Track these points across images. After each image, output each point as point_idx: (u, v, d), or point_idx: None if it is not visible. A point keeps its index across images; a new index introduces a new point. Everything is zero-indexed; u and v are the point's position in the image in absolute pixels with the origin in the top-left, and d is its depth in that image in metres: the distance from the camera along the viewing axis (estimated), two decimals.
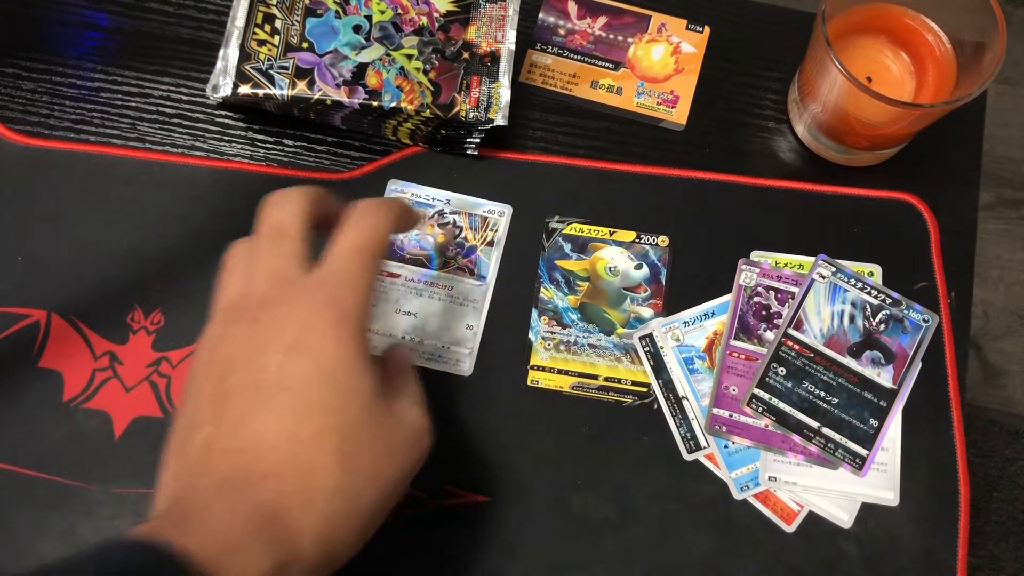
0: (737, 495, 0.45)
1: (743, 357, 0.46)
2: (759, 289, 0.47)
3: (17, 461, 0.45)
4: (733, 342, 0.47)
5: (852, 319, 0.46)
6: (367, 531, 0.34)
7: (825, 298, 0.46)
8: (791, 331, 0.45)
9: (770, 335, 0.46)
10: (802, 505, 0.45)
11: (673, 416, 0.46)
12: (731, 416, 0.46)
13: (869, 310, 0.46)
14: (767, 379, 0.45)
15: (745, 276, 0.47)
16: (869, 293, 0.46)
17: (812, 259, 0.49)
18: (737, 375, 0.46)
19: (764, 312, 0.47)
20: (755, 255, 0.50)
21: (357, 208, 0.38)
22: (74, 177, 0.50)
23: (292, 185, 0.50)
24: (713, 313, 0.48)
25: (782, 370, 0.45)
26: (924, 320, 0.46)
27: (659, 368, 0.47)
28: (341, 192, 0.50)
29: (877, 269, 0.49)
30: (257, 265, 0.37)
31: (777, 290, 0.47)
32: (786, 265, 0.49)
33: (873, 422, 0.44)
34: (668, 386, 0.47)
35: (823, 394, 0.44)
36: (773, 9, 0.55)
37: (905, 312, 0.46)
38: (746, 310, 0.47)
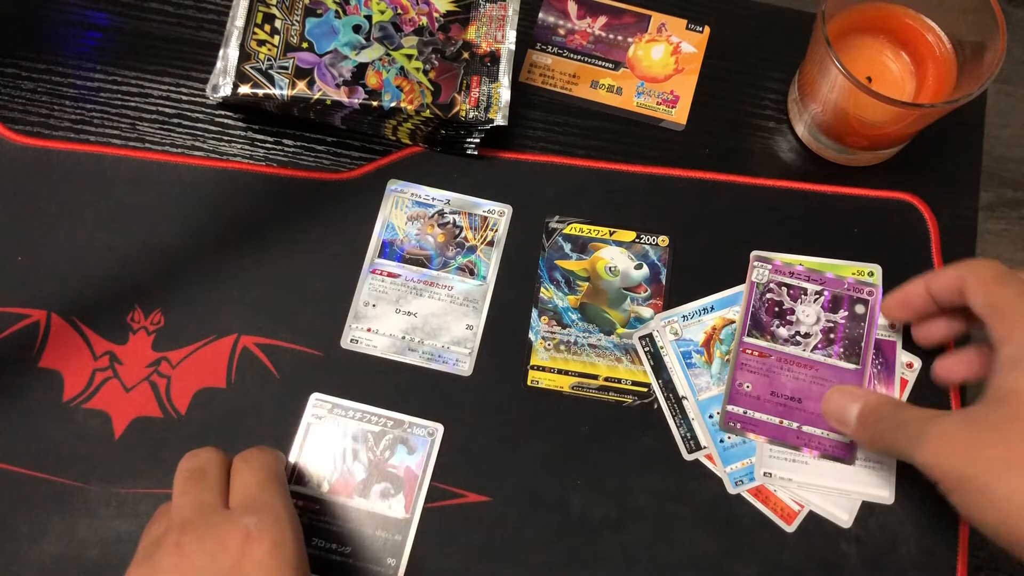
0: (731, 489, 0.45)
1: (756, 354, 0.46)
2: (771, 286, 0.47)
3: (17, 461, 0.45)
4: (746, 339, 0.47)
5: (356, 455, 0.45)
6: None
7: (323, 439, 0.45)
8: (294, 487, 0.44)
9: (784, 331, 0.46)
10: (802, 505, 0.45)
11: (673, 416, 0.46)
12: (745, 413, 0.46)
13: (371, 440, 0.45)
14: None
15: (757, 272, 0.47)
16: (369, 420, 0.45)
17: (809, 257, 0.49)
18: (751, 372, 0.46)
19: (777, 308, 0.47)
20: (755, 254, 0.50)
21: (243, 454, 0.40)
22: (74, 177, 0.50)
23: (292, 185, 0.50)
24: (712, 308, 0.48)
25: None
26: (429, 434, 0.45)
27: (659, 368, 0.47)
28: (341, 192, 0.50)
29: (877, 269, 0.49)
30: (177, 501, 0.38)
31: (790, 286, 0.47)
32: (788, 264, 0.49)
33: (391, 561, 0.43)
34: (668, 386, 0.47)
35: (335, 546, 0.43)
36: (773, 9, 0.55)
37: (408, 431, 0.45)
38: (759, 307, 0.47)
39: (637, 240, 0.50)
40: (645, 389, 0.47)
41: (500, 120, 0.48)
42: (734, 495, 0.45)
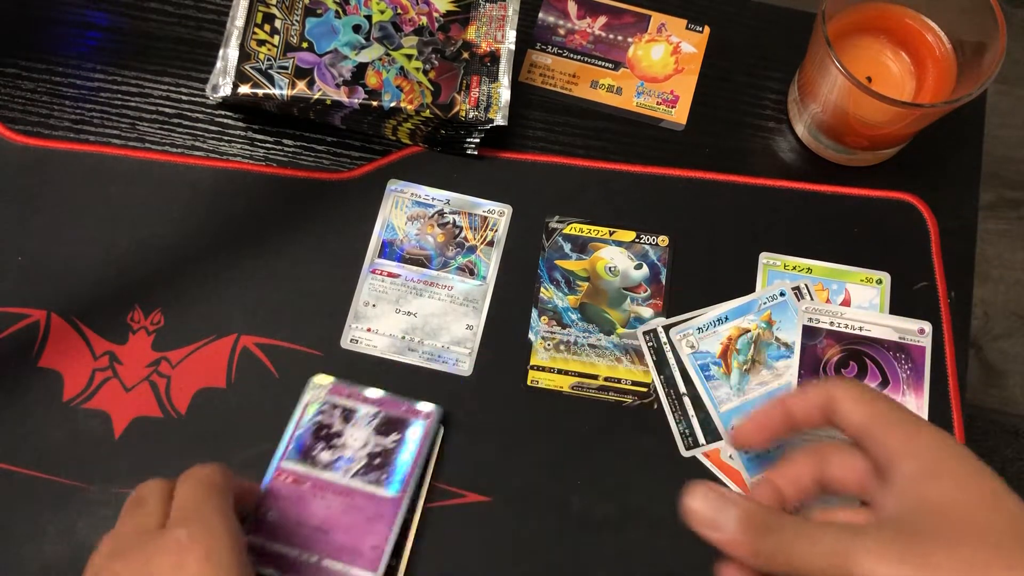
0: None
1: (291, 480, 0.44)
2: (325, 407, 0.45)
3: (17, 461, 0.45)
4: (284, 463, 0.45)
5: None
6: None
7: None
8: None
9: (326, 456, 0.44)
10: None
11: (673, 412, 0.46)
12: (264, 544, 0.43)
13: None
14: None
15: (311, 394, 0.45)
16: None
17: (817, 262, 0.49)
18: (280, 498, 0.44)
19: (326, 431, 0.45)
20: (764, 256, 0.50)
21: (185, 473, 0.40)
22: (74, 177, 0.50)
23: (292, 185, 0.50)
24: (727, 318, 0.48)
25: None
26: (426, 416, 0.45)
27: (661, 364, 0.47)
28: (341, 192, 0.50)
29: (885, 277, 0.49)
30: (115, 531, 0.38)
31: (344, 408, 0.45)
32: (794, 268, 0.49)
33: (391, 561, 0.43)
34: (669, 382, 0.47)
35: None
36: (773, 9, 0.55)
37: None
38: (306, 429, 0.45)
39: (637, 240, 0.50)
40: (645, 389, 0.47)
41: (500, 120, 0.48)
42: None
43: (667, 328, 0.48)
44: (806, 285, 0.48)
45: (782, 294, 0.48)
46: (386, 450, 0.45)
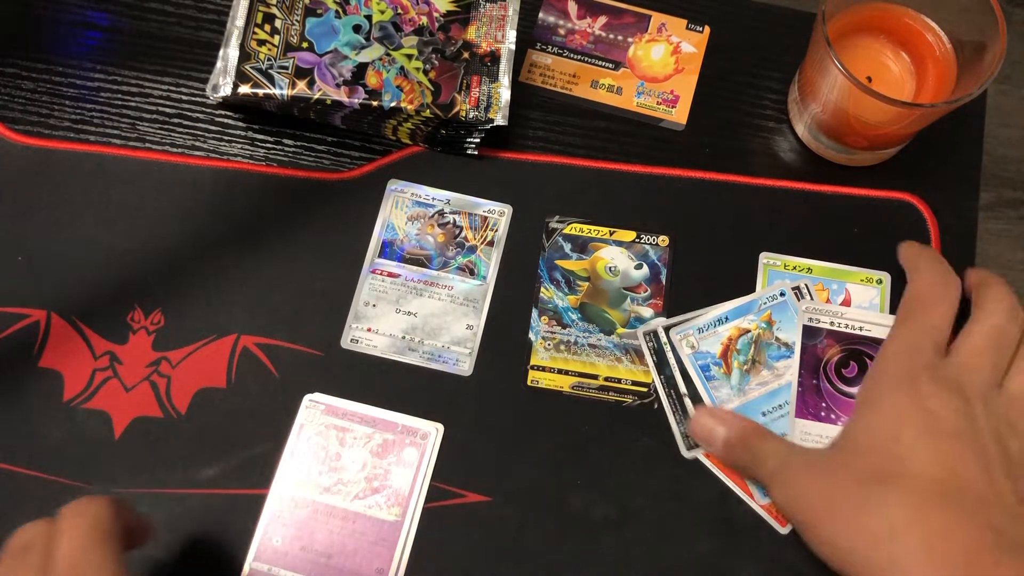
0: (761, 500, 0.45)
1: (292, 504, 0.44)
2: (320, 428, 0.45)
3: (17, 461, 0.45)
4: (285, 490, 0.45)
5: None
6: None
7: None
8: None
9: (325, 479, 0.44)
10: None
11: (674, 412, 0.46)
12: (270, 570, 0.43)
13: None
14: None
15: (305, 414, 0.45)
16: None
17: (817, 262, 0.49)
18: (283, 524, 0.44)
19: (323, 453, 0.45)
20: (764, 256, 0.49)
21: (70, 509, 0.37)
22: (74, 177, 0.50)
23: (292, 185, 0.50)
24: (727, 318, 0.48)
25: None
26: (423, 437, 0.45)
27: (662, 364, 0.47)
28: (341, 192, 0.50)
29: (886, 277, 0.49)
30: None
31: (339, 428, 0.45)
32: (795, 268, 0.49)
33: (391, 562, 0.43)
34: (670, 382, 0.47)
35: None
36: (773, 9, 0.55)
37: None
38: (304, 451, 0.45)
39: (637, 240, 0.50)
40: (645, 389, 0.47)
41: (500, 120, 0.48)
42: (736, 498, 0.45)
43: (667, 328, 0.48)
44: (806, 285, 0.48)
45: (782, 294, 0.48)
46: (384, 472, 0.45)
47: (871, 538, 0.37)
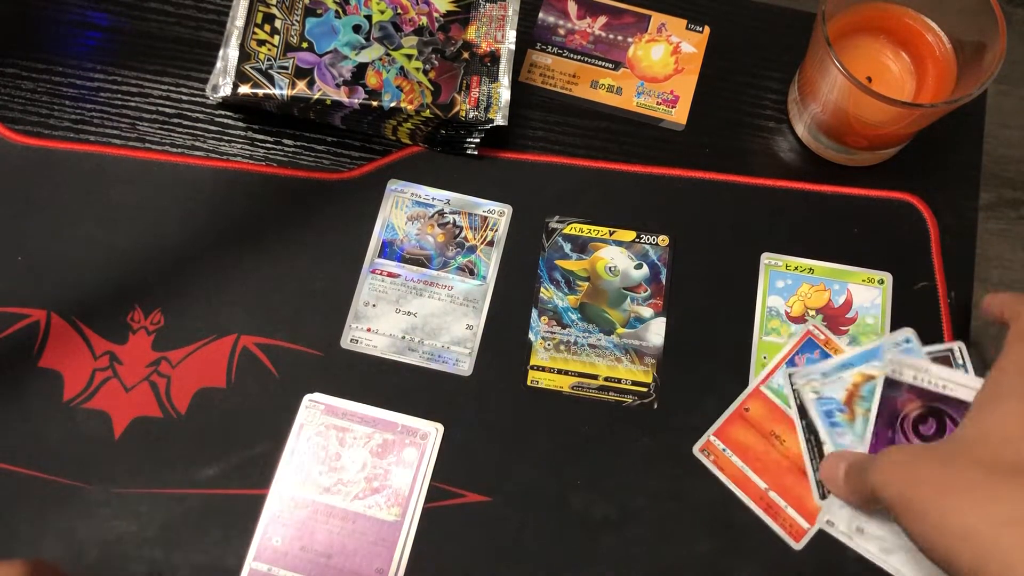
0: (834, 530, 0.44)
1: (292, 504, 0.45)
2: (320, 428, 0.45)
3: (17, 461, 0.45)
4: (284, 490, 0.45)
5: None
6: None
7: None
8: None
9: (326, 480, 0.44)
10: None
11: (811, 460, 0.46)
12: (270, 570, 0.43)
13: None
14: None
15: (306, 414, 0.45)
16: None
17: (819, 263, 0.49)
18: (283, 524, 0.44)
19: (323, 453, 0.45)
20: (766, 257, 0.49)
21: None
22: (74, 177, 0.50)
23: (292, 185, 0.50)
24: (852, 364, 0.47)
25: None
26: (423, 437, 0.45)
27: (803, 414, 0.46)
28: (341, 192, 0.50)
29: (888, 277, 0.49)
30: None
31: (339, 428, 0.45)
32: (796, 268, 0.49)
33: (391, 563, 0.43)
34: (811, 428, 0.46)
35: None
36: (773, 9, 0.55)
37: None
38: (304, 451, 0.45)
39: (637, 240, 0.50)
40: (645, 389, 0.47)
41: (500, 120, 0.48)
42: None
43: (791, 374, 0.47)
44: (959, 348, 0.46)
45: (907, 341, 0.47)
46: (383, 472, 0.45)
47: (995, 523, 0.35)
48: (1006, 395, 0.39)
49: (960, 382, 0.44)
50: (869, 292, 0.49)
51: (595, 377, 0.48)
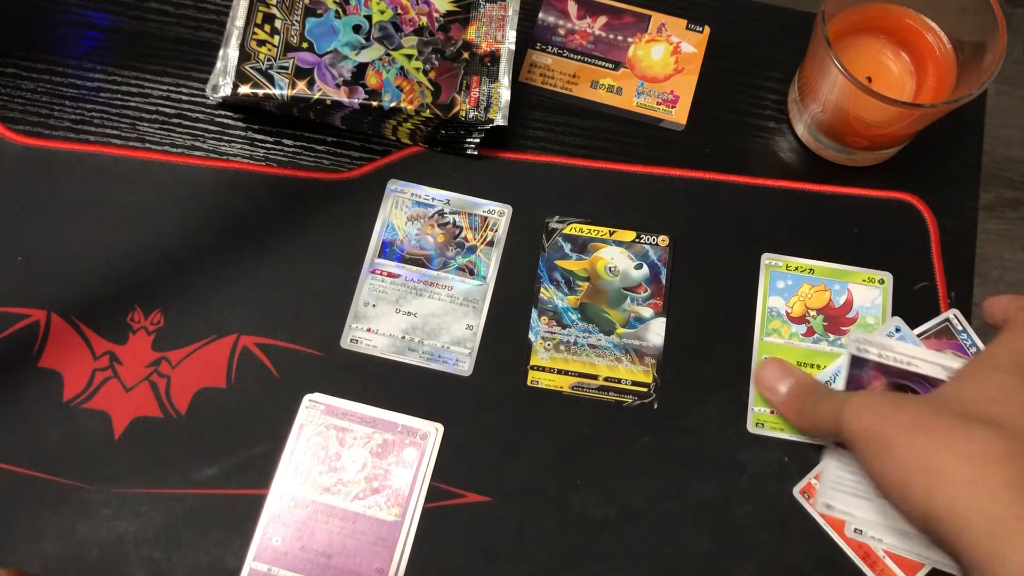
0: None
1: (292, 504, 0.44)
2: (320, 428, 0.45)
3: (17, 461, 0.45)
4: (284, 489, 0.45)
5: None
6: None
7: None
8: None
9: (325, 480, 0.45)
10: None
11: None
12: (270, 570, 0.43)
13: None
14: None
15: (306, 414, 0.45)
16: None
17: (819, 263, 0.49)
18: (283, 524, 0.44)
19: (323, 453, 0.45)
20: (767, 257, 0.49)
21: None
22: (74, 177, 0.50)
23: (292, 185, 0.50)
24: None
25: None
26: (423, 437, 0.45)
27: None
28: (341, 192, 0.50)
29: (888, 276, 0.49)
30: None
31: (339, 428, 0.45)
32: (796, 269, 0.49)
33: (390, 563, 0.43)
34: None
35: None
36: (773, 9, 0.55)
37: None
38: (303, 451, 0.45)
39: (637, 240, 0.50)
40: (645, 389, 0.47)
41: (500, 120, 0.48)
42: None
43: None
44: (955, 315, 0.47)
45: (898, 330, 0.47)
46: (384, 472, 0.45)
47: (965, 458, 0.35)
48: (991, 368, 0.40)
49: (924, 358, 0.45)
50: (870, 292, 0.49)
51: (595, 377, 0.48)
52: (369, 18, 0.49)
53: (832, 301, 0.49)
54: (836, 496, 0.44)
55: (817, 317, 0.49)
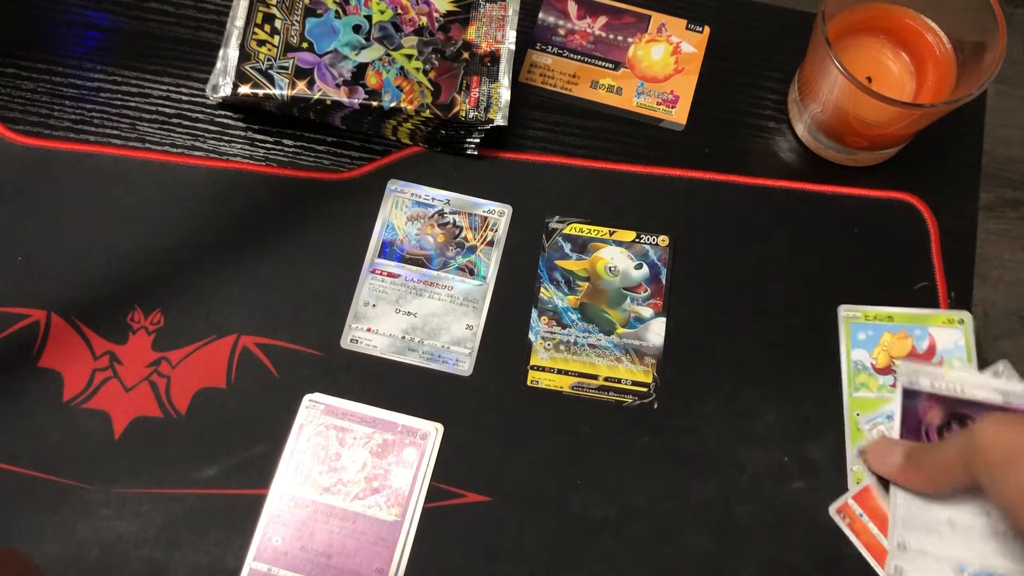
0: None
1: (292, 504, 0.44)
2: (320, 428, 0.45)
3: (17, 461, 0.45)
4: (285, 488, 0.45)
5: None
6: None
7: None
8: None
9: (325, 480, 0.44)
10: None
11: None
12: (270, 570, 0.43)
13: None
14: None
15: (306, 414, 0.45)
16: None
17: (897, 309, 0.48)
18: (284, 524, 0.44)
19: (323, 454, 0.45)
20: (844, 309, 0.48)
21: None
22: (74, 177, 0.50)
23: (292, 185, 0.50)
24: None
25: None
26: (423, 437, 0.45)
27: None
28: (341, 192, 0.50)
29: (968, 317, 0.47)
30: None
31: (339, 428, 0.45)
32: (874, 317, 0.48)
33: (390, 563, 0.43)
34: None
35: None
36: (773, 9, 0.55)
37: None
38: (303, 451, 0.45)
39: (637, 240, 0.50)
40: (645, 389, 0.47)
41: (500, 120, 0.48)
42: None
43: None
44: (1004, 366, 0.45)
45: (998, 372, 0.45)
46: (384, 472, 0.45)
47: None
48: None
49: (975, 382, 0.44)
50: (951, 334, 0.47)
51: (595, 377, 0.48)
52: (369, 18, 0.49)
53: (915, 347, 0.47)
54: (910, 535, 0.43)
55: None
